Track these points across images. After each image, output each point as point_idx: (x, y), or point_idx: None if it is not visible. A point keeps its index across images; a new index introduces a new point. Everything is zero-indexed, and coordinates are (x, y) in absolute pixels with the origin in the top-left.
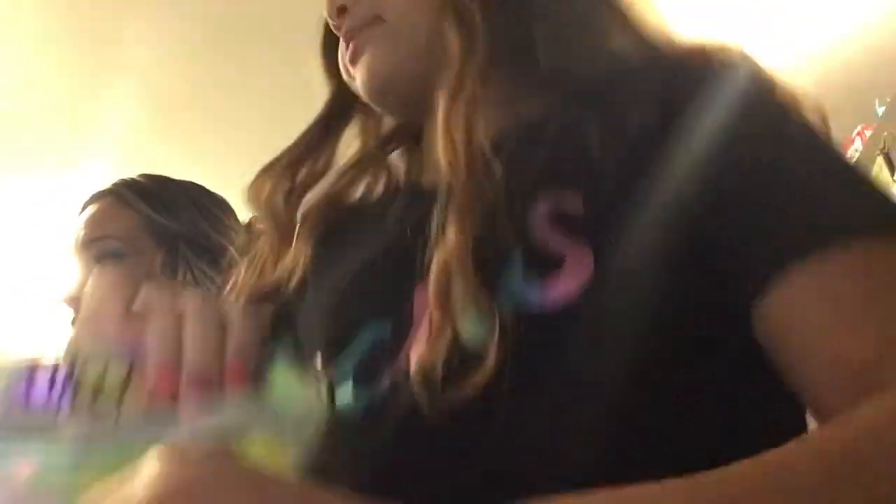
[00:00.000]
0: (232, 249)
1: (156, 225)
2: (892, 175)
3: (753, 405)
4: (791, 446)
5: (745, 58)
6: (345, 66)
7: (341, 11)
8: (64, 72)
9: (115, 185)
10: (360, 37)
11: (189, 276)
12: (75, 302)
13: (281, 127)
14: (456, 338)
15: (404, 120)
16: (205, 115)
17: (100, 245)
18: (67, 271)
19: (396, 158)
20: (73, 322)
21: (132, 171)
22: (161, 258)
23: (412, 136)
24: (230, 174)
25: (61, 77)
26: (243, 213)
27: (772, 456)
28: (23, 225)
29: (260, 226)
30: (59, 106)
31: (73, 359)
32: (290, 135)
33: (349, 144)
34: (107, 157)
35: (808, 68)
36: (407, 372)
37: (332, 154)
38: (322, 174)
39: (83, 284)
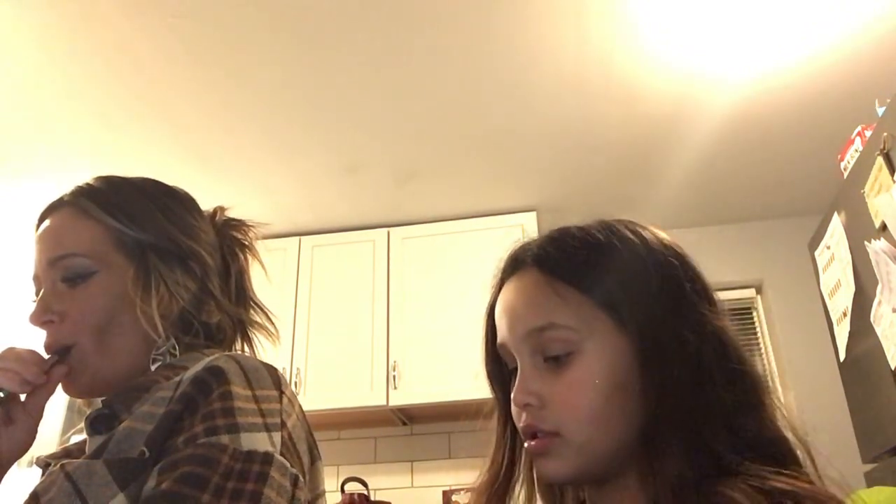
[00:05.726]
0: (202, 252)
1: (123, 237)
2: (893, 175)
3: None
4: None
5: None
6: (530, 453)
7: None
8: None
9: (72, 194)
10: (545, 441)
11: (163, 288)
12: (42, 322)
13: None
14: None
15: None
16: (202, 114)
17: (67, 263)
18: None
19: None
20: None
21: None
22: (133, 272)
23: None
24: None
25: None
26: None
27: None
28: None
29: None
30: (50, 108)
31: None
32: (287, 134)
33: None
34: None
35: (808, 68)
36: None
37: None
38: None
39: (49, 302)
